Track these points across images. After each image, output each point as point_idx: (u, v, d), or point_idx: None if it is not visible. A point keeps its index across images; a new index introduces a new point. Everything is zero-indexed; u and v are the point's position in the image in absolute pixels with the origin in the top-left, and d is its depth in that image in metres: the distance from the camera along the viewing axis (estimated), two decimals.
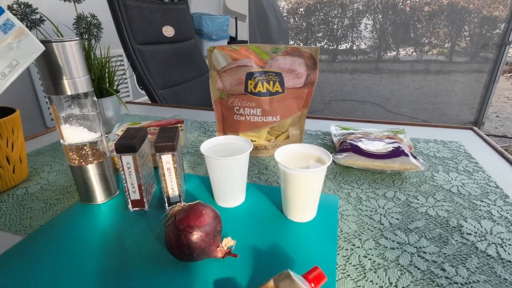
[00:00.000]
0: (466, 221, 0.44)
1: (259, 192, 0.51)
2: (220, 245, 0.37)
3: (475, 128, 0.80)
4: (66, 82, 0.42)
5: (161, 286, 0.34)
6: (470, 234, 0.42)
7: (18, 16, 0.60)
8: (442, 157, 0.64)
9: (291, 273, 0.27)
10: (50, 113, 1.31)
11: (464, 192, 0.51)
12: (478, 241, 0.40)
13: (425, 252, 0.38)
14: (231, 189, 0.47)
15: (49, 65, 0.40)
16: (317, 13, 4.28)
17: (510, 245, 0.40)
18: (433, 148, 0.69)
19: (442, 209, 0.47)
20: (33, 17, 0.62)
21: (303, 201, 0.42)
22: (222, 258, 0.36)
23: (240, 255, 0.37)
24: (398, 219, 0.45)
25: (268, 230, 0.42)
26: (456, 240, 0.40)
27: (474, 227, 0.43)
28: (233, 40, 2.43)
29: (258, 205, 0.48)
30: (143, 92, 1.80)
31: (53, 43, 0.39)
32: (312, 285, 0.27)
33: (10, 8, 0.60)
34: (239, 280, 0.34)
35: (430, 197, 0.50)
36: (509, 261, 0.37)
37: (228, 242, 0.37)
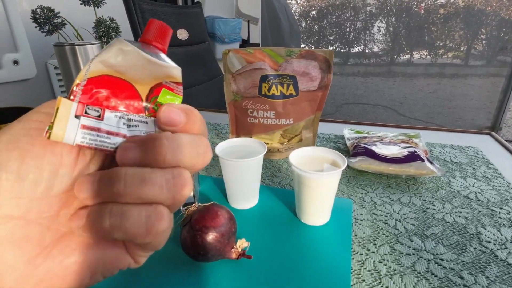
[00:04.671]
0: (485, 229, 0.43)
1: (272, 195, 0.52)
2: (235, 247, 0.37)
3: (493, 133, 0.78)
4: None
5: (175, 286, 0.34)
6: (489, 242, 0.41)
7: (42, 20, 0.62)
8: (459, 163, 0.63)
9: (123, 41, 0.17)
10: None
11: (483, 198, 0.50)
12: (497, 249, 0.39)
13: (442, 259, 0.38)
14: (245, 191, 0.47)
15: (72, 68, 0.41)
16: (329, 16, 4.26)
17: None
18: (449, 153, 0.68)
19: (459, 216, 0.46)
20: (55, 21, 0.64)
21: (318, 205, 0.42)
22: (236, 259, 0.37)
23: (254, 256, 0.38)
24: (414, 224, 0.44)
25: (281, 232, 0.43)
26: (475, 248, 0.40)
27: (494, 235, 0.42)
28: (245, 43, 2.45)
29: (271, 207, 0.48)
30: None
31: (76, 46, 0.41)
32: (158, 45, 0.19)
33: (34, 12, 0.62)
34: (253, 282, 0.35)
35: (447, 203, 0.49)
36: None
37: (242, 244, 0.37)
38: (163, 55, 0.19)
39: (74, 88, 0.16)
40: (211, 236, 0.35)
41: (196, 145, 0.17)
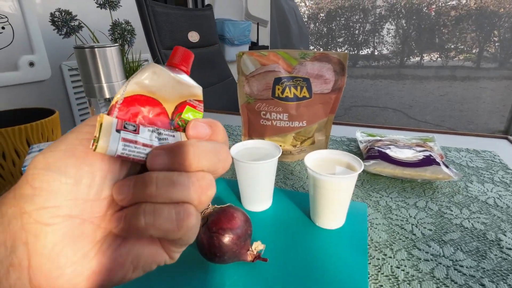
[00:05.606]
0: (505, 235, 0.42)
1: (286, 197, 0.51)
2: (250, 249, 0.37)
3: (510, 137, 0.77)
4: (105, 86, 0.44)
5: (192, 287, 0.34)
6: (511, 249, 0.40)
7: (60, 22, 0.63)
8: (476, 167, 0.62)
9: (155, 65, 0.19)
10: (80, 115, 1.36)
11: (502, 204, 0.49)
12: None
13: (462, 266, 0.37)
14: (259, 193, 0.47)
15: (91, 70, 0.42)
16: (338, 18, 4.25)
17: None
18: (465, 157, 0.66)
19: (478, 222, 0.45)
20: (73, 24, 0.65)
21: (333, 208, 0.42)
22: (251, 262, 0.37)
23: (269, 259, 0.37)
24: (431, 230, 0.44)
25: (296, 235, 0.42)
26: (495, 255, 0.39)
27: None
28: (254, 45, 2.46)
29: (285, 210, 0.48)
30: None
31: (96, 49, 0.41)
32: (183, 68, 0.21)
33: (52, 15, 0.64)
34: (268, 285, 0.34)
35: (464, 208, 0.48)
36: None
37: (258, 246, 0.37)
38: (187, 77, 0.21)
39: (113, 106, 0.18)
40: (227, 238, 0.35)
41: (217, 152, 0.19)
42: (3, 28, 1.02)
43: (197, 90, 0.20)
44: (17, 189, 0.16)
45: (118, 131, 0.17)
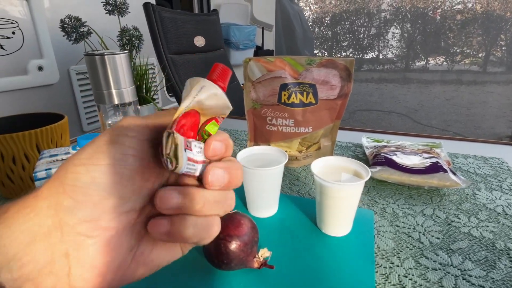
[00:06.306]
0: None
1: (292, 204, 0.51)
2: (257, 256, 0.37)
3: None
4: (114, 92, 0.44)
5: None
6: None
7: (69, 28, 0.64)
8: (484, 174, 0.61)
9: (214, 86, 0.20)
10: (87, 118, 1.38)
11: (511, 213, 0.49)
12: None
13: (470, 275, 0.37)
14: (265, 199, 0.47)
15: (101, 76, 0.43)
16: (343, 22, 4.26)
17: None
18: (473, 164, 0.66)
19: (486, 230, 0.45)
20: (82, 30, 0.67)
21: (340, 215, 0.42)
22: (258, 269, 0.37)
23: (275, 266, 0.37)
24: (438, 238, 0.43)
25: (302, 242, 0.42)
26: (505, 265, 0.38)
27: None
28: (259, 50, 2.47)
29: (291, 216, 0.48)
30: (172, 99, 1.86)
31: (105, 56, 0.42)
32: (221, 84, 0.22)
33: (62, 22, 0.65)
34: None
35: (472, 216, 0.48)
36: None
37: (264, 253, 0.37)
38: (223, 94, 0.22)
39: (175, 121, 0.19)
40: (234, 245, 0.35)
41: (236, 168, 0.21)
42: (13, 33, 1.04)
43: (228, 110, 0.21)
44: (52, 199, 0.17)
45: (185, 150, 0.19)
